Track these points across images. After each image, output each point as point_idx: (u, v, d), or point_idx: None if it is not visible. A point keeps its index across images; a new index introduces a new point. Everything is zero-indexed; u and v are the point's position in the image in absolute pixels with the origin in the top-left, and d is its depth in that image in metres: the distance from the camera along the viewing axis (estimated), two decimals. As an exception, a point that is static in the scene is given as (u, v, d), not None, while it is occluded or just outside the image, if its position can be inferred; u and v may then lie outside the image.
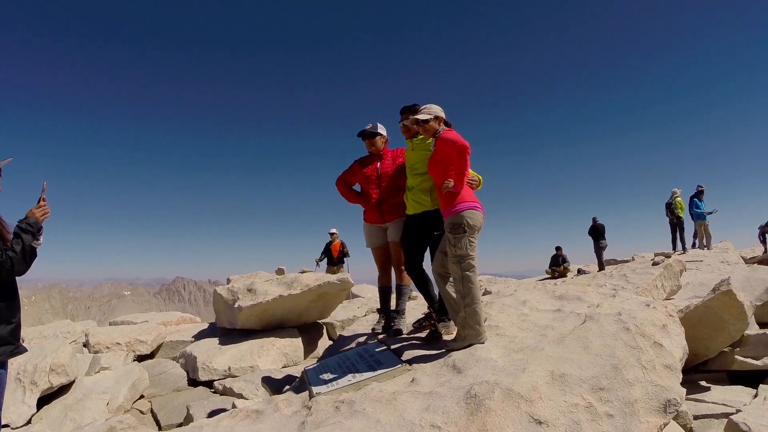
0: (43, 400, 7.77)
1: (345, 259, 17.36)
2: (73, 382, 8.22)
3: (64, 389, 8.08)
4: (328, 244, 17.41)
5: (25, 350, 4.07)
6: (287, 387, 5.80)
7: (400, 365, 4.74)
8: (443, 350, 4.79)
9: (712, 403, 5.71)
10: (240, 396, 7.58)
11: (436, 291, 5.52)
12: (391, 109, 7.24)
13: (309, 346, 10.77)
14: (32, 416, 7.38)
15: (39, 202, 4.00)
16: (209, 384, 9.00)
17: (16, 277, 3.94)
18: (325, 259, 17.46)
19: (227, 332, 11.32)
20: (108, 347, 11.33)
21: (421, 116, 5.00)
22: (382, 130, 6.08)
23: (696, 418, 5.34)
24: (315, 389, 4.77)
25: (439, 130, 5.04)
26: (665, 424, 3.55)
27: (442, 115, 5.08)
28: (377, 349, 5.41)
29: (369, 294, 14.99)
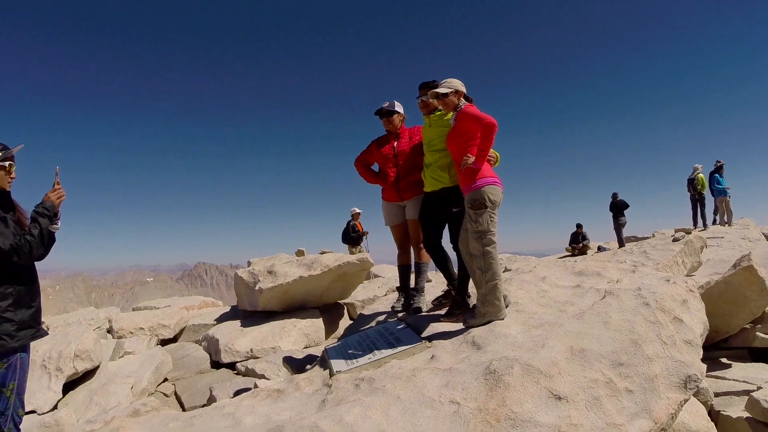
0: (69, 386, 7.88)
1: (364, 238, 17.32)
2: (98, 367, 8.33)
3: (88, 374, 8.19)
4: (350, 223, 17.36)
5: (46, 334, 4.16)
6: (308, 366, 5.84)
7: (419, 342, 4.77)
8: (462, 327, 4.81)
9: (733, 380, 5.69)
10: (262, 377, 7.61)
11: (455, 268, 5.52)
12: (407, 88, 7.19)
13: (330, 327, 10.78)
14: (58, 401, 7.49)
15: (54, 186, 4.08)
16: (232, 366, 9.08)
17: (37, 263, 4.02)
18: (366, 235, 17.47)
19: (249, 315, 11.39)
20: (131, 332, 11.46)
21: (440, 90, 4.95)
22: (399, 108, 6.05)
23: (717, 395, 5.33)
24: (335, 368, 4.83)
25: (459, 105, 4.97)
26: (685, 400, 3.54)
27: (463, 89, 5.03)
28: (397, 327, 5.45)
29: (389, 274, 14.97)
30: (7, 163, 3.93)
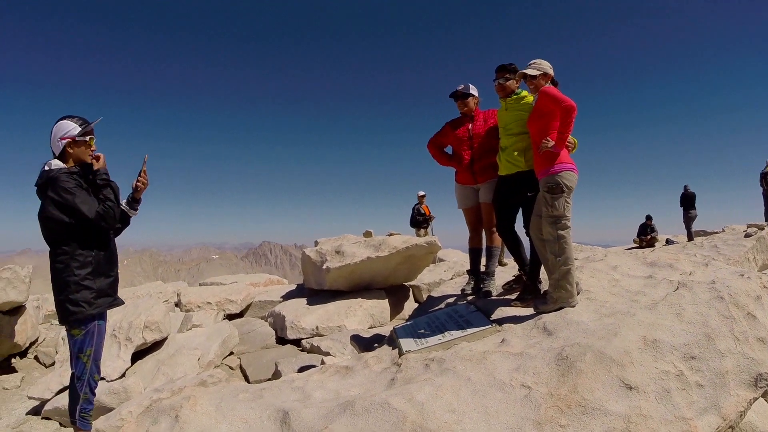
0: (137, 355, 8.16)
1: (430, 222, 17.26)
2: (166, 338, 8.60)
3: (157, 345, 8.47)
4: (416, 207, 17.27)
5: (122, 302, 4.30)
6: (375, 345, 5.92)
7: (489, 326, 4.79)
8: (533, 312, 4.81)
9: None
10: (327, 354, 7.67)
11: (528, 253, 5.53)
12: (483, 71, 7.18)
13: (395, 308, 10.81)
14: (126, 370, 7.76)
15: (140, 174, 4.24)
16: (297, 342, 9.23)
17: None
18: (432, 219, 17.34)
19: (315, 293, 11.49)
20: (199, 306, 11.74)
21: (529, 71, 4.91)
22: (473, 90, 6.02)
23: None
24: (404, 347, 4.89)
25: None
26: (755, 399, 3.52)
27: (551, 72, 4.97)
28: (467, 310, 5.47)
29: (454, 258, 14.86)
30: (87, 138, 4.06)
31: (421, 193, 17.33)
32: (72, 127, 3.99)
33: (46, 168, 3.95)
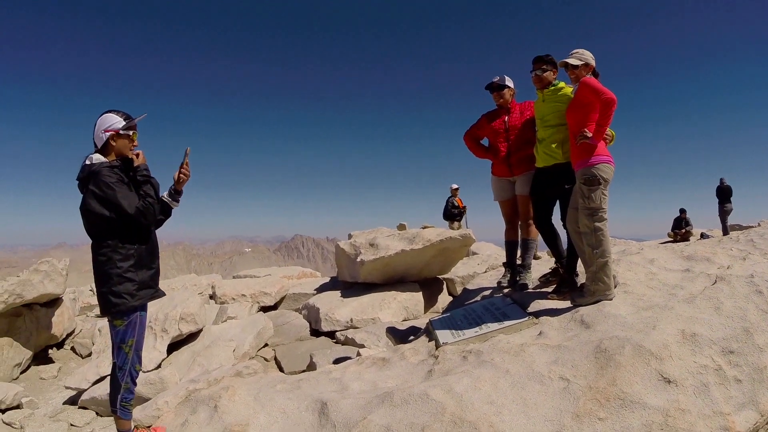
0: (173, 347, 8.35)
1: (463, 214, 17.18)
2: (201, 330, 8.76)
3: (192, 337, 8.64)
4: (449, 199, 17.16)
5: (163, 294, 4.37)
6: (411, 337, 5.95)
7: (526, 318, 4.82)
8: (570, 305, 4.82)
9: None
10: (362, 346, 7.74)
11: (564, 246, 5.52)
12: (521, 62, 7.15)
13: (429, 301, 10.79)
14: (162, 361, 7.94)
15: (182, 166, 4.29)
16: (331, 334, 9.32)
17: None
18: (465, 212, 17.27)
19: (349, 286, 11.60)
20: (233, 298, 11.91)
21: (571, 60, 4.90)
22: (509, 82, 6.01)
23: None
24: (441, 339, 4.93)
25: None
26: (793, 395, 3.50)
27: (593, 63, 4.94)
28: (503, 303, 5.48)
29: (488, 251, 14.76)
30: (131, 132, 4.12)
31: (455, 186, 17.23)
32: (116, 120, 4.05)
33: (88, 162, 4.00)
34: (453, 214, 16.96)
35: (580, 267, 5.32)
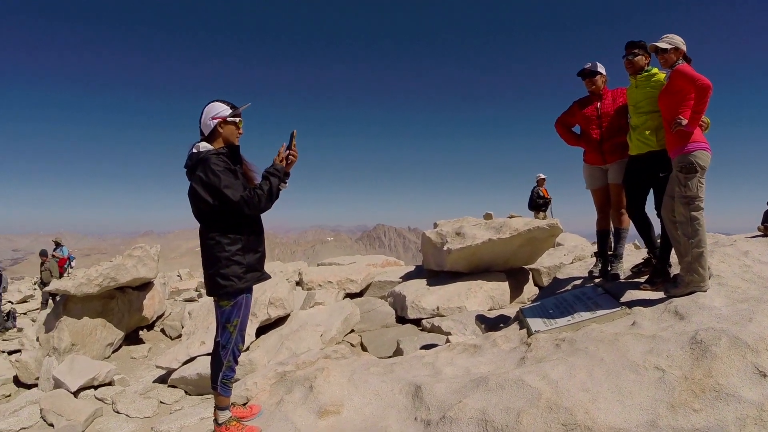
0: (261, 330, 8.65)
1: (549, 204, 16.93)
2: (289, 315, 9.02)
3: (280, 321, 8.92)
4: (535, 189, 16.96)
5: (269, 277, 4.50)
6: (501, 325, 6.00)
7: (619, 308, 4.81)
8: (663, 296, 4.78)
9: None
10: (448, 334, 7.79)
11: (657, 236, 5.48)
12: (614, 50, 7.05)
13: (515, 291, 10.73)
14: (251, 343, 8.25)
15: (290, 148, 4.39)
16: (417, 322, 9.41)
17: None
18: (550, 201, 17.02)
19: (434, 274, 11.63)
20: (320, 285, 12.18)
21: (661, 44, 4.84)
22: (601, 69, 5.93)
23: None
24: (533, 327, 4.97)
25: (676, 63, 4.83)
26: None
27: (683, 47, 4.86)
28: (594, 293, 5.48)
29: (573, 242, 14.52)
30: (237, 119, 4.27)
31: (542, 175, 17.00)
32: (223, 108, 4.22)
33: (195, 150, 4.17)
34: (538, 204, 16.72)
35: (672, 258, 5.26)
